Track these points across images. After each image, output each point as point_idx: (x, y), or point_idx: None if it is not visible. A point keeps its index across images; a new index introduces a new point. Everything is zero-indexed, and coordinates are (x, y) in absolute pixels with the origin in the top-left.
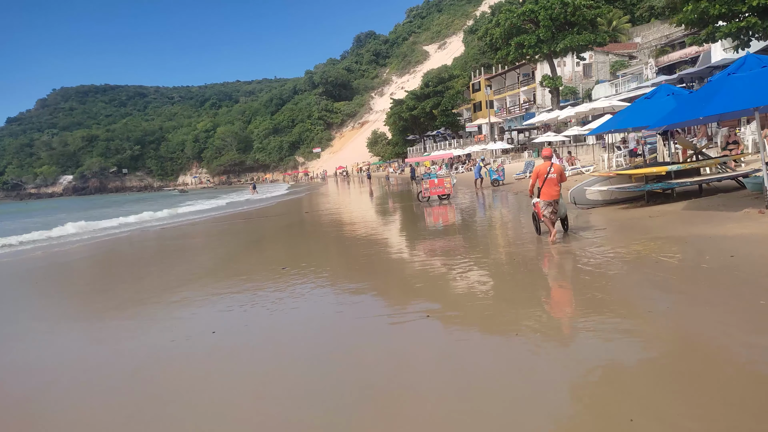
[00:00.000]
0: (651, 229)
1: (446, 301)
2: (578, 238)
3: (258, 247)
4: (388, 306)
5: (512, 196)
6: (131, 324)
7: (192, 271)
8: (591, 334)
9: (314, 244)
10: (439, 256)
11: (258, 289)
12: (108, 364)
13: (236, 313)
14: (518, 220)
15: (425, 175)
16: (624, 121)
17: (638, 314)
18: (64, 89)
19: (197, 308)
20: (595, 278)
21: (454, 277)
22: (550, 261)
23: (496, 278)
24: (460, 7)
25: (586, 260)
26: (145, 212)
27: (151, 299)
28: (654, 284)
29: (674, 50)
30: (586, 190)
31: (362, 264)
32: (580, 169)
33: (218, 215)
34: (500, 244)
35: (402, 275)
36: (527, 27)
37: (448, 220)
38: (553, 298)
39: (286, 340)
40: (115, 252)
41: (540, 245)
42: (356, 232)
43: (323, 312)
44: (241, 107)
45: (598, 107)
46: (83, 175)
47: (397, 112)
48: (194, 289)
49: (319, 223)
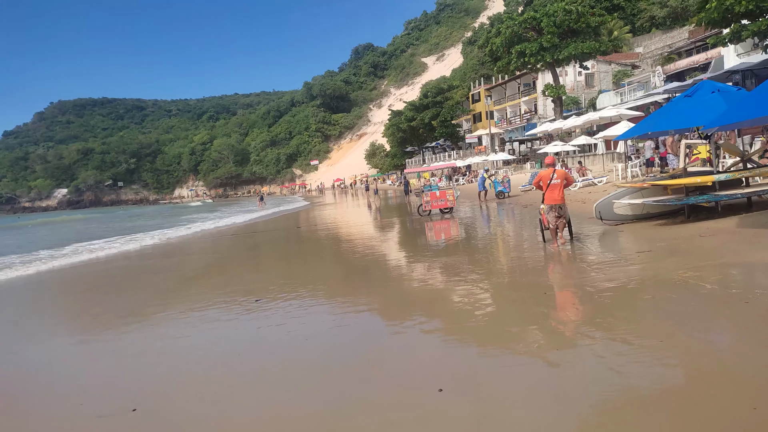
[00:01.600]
0: (711, 252)
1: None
2: (622, 261)
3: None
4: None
5: (521, 210)
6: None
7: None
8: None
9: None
10: (445, 280)
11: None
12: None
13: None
14: (534, 238)
15: (426, 188)
16: (663, 122)
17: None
18: (62, 102)
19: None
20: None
21: (473, 314)
22: (620, 303)
23: (529, 322)
24: (458, 20)
25: (645, 298)
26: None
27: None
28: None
29: (680, 58)
30: (614, 203)
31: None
32: (591, 180)
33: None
34: (522, 270)
35: (406, 297)
36: (529, 35)
37: (450, 235)
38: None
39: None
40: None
41: (577, 277)
42: (361, 251)
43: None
44: (239, 119)
45: (605, 116)
46: (78, 189)
47: (396, 123)
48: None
49: (316, 238)
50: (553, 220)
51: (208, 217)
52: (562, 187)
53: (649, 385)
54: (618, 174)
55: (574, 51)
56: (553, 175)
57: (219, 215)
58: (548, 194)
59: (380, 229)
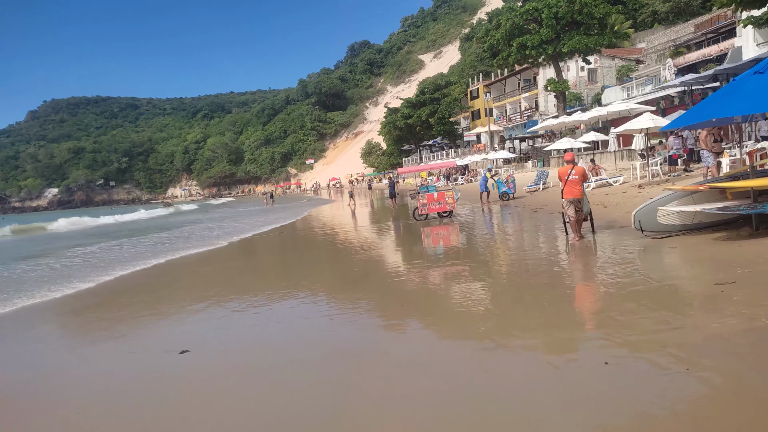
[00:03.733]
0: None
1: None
2: (704, 301)
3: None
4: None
5: (531, 214)
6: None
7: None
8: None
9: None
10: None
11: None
12: None
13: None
14: (555, 247)
15: (422, 188)
16: (727, 106)
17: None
18: (55, 101)
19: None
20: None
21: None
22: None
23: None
24: (455, 16)
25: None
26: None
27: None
28: None
29: (690, 51)
30: (659, 210)
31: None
32: (606, 180)
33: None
34: (564, 319)
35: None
36: (530, 27)
37: (451, 244)
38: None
39: None
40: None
41: (652, 333)
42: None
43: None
44: (233, 118)
45: (614, 111)
46: (69, 188)
47: (392, 120)
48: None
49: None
50: (573, 214)
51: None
52: (581, 182)
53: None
54: (636, 173)
55: (577, 44)
56: (571, 171)
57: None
58: (567, 189)
59: (378, 234)
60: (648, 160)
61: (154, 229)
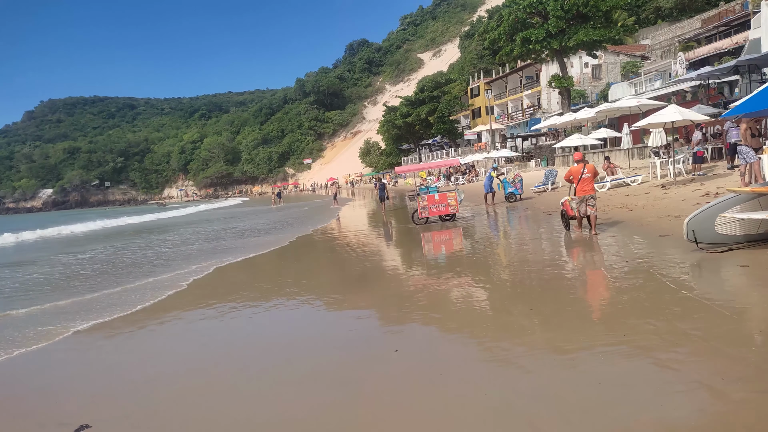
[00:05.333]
0: None
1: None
2: None
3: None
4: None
5: (543, 216)
6: None
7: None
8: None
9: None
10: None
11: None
12: None
13: None
14: (586, 262)
15: (423, 189)
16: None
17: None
18: (52, 101)
19: None
20: None
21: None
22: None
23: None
24: (455, 14)
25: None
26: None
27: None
28: None
29: (700, 45)
30: (718, 218)
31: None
32: (623, 179)
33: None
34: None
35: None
36: (534, 20)
37: (460, 260)
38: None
39: None
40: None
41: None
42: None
43: None
44: (230, 117)
45: (624, 106)
46: (63, 189)
47: (391, 119)
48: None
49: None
50: (583, 210)
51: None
52: (593, 179)
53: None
54: (656, 172)
55: (584, 38)
56: (584, 170)
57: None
58: (580, 187)
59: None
60: (673, 157)
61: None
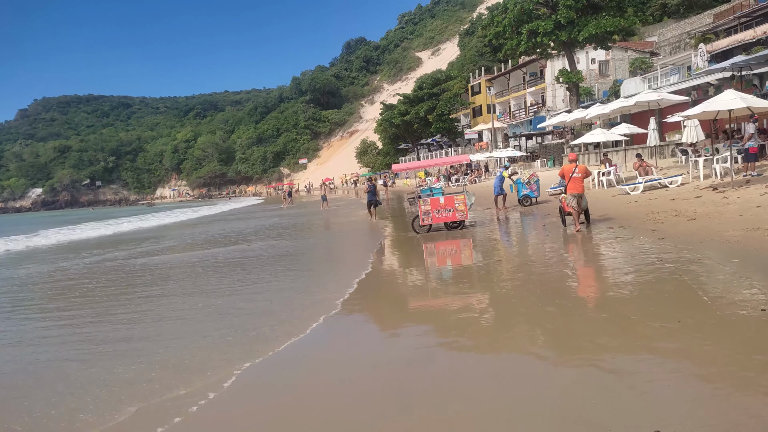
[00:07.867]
0: None
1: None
2: None
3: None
4: None
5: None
6: None
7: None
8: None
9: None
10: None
11: None
12: None
13: None
14: (655, 290)
15: (424, 191)
16: None
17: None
18: (46, 99)
19: None
20: None
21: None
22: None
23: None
24: (453, 13)
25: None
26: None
27: None
28: None
29: (719, 38)
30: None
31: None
32: (660, 180)
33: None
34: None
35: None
36: (541, 12)
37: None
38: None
39: None
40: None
41: None
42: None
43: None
44: (224, 116)
45: (642, 101)
46: (53, 188)
47: (388, 118)
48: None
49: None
50: (575, 206)
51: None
52: (583, 179)
53: None
54: (699, 172)
55: (596, 29)
56: (575, 169)
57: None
58: (570, 185)
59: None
60: (730, 152)
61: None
